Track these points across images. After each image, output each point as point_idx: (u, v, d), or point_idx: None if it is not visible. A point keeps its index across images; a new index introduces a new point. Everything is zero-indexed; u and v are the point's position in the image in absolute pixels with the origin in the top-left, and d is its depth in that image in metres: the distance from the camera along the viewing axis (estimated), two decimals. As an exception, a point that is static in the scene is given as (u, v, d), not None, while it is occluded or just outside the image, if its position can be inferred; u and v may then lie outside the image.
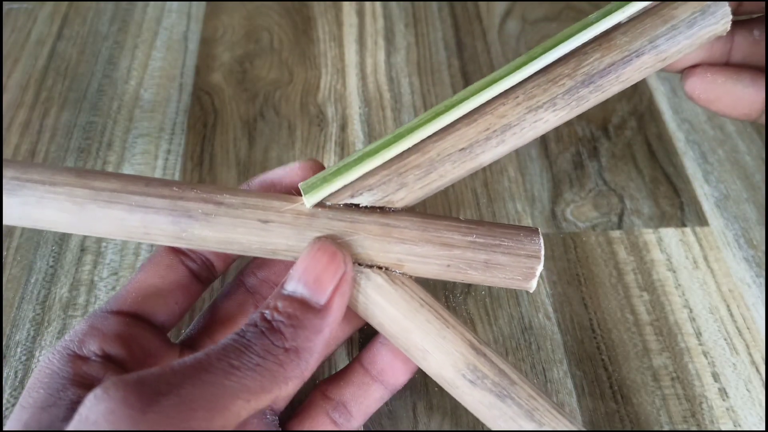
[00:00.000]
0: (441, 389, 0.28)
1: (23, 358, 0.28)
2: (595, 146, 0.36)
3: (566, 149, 0.36)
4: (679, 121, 0.38)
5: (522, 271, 0.21)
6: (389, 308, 0.21)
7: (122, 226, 0.21)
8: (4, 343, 0.29)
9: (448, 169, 0.22)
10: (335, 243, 0.21)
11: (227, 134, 0.37)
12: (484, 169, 0.35)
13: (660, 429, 0.27)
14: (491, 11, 0.44)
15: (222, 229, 0.21)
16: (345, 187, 0.22)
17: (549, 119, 0.22)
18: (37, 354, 0.28)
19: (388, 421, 0.27)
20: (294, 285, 0.20)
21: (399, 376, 0.24)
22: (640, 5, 0.22)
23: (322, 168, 0.24)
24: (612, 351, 0.29)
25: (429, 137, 0.22)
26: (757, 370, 0.28)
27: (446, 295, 0.31)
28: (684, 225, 0.33)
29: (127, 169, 0.35)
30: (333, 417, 0.24)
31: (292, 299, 0.20)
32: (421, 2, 0.44)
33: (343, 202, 0.22)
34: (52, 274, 0.31)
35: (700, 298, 0.31)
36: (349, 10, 0.44)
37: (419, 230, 0.22)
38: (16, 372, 0.28)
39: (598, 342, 0.29)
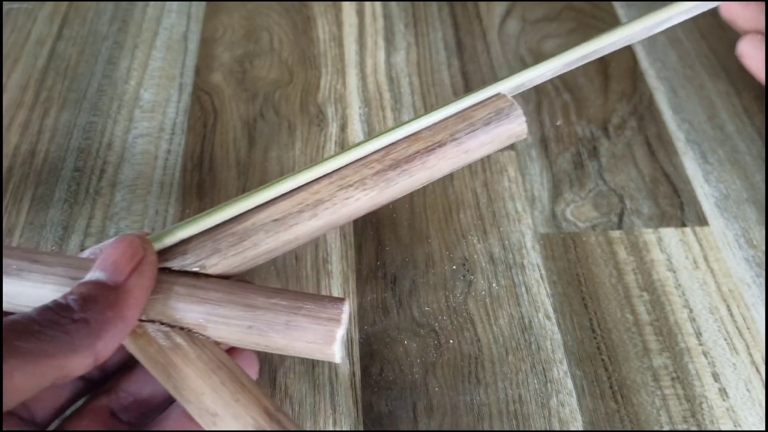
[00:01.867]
0: (441, 389, 0.28)
1: (23, 358, 0.28)
2: (595, 146, 0.36)
3: (566, 149, 0.36)
4: (679, 121, 0.38)
5: (322, 334, 0.22)
6: (185, 369, 0.21)
7: None
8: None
9: (262, 238, 0.23)
10: (138, 235, 0.22)
11: (227, 134, 0.37)
12: (483, 170, 0.35)
13: (660, 429, 0.27)
14: (491, 11, 0.44)
15: (33, 285, 0.21)
16: (160, 251, 0.23)
17: (360, 198, 0.23)
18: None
19: (388, 421, 0.27)
20: (92, 273, 0.20)
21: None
22: (445, 112, 0.25)
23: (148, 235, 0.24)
24: (612, 351, 0.29)
25: (249, 210, 0.23)
26: (757, 370, 0.28)
27: (446, 296, 0.31)
28: (684, 225, 0.33)
29: (127, 169, 0.35)
30: None
31: (88, 282, 0.20)
32: (421, 2, 0.44)
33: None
34: (52, 274, 0.31)
35: (700, 298, 0.31)
36: (349, 10, 0.44)
37: (224, 293, 0.22)
38: (16, 372, 0.28)
39: (598, 342, 0.29)
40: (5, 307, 0.22)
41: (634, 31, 0.26)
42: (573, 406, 0.27)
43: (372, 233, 0.33)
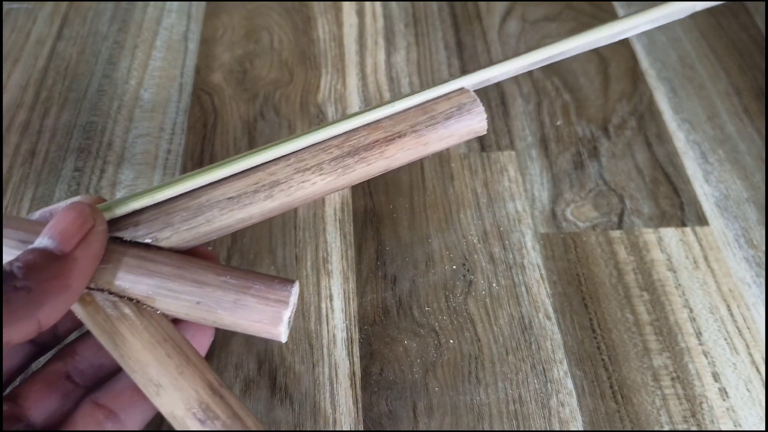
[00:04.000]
0: (441, 389, 0.28)
1: (23, 358, 0.28)
2: (595, 146, 0.36)
3: (566, 149, 0.36)
4: (679, 121, 0.38)
5: (269, 314, 0.22)
6: (131, 339, 0.21)
7: None
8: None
9: (215, 215, 0.23)
10: (88, 202, 0.22)
11: (227, 134, 0.37)
12: (484, 169, 0.35)
13: (660, 429, 0.27)
14: (491, 11, 0.44)
15: None
16: (112, 220, 0.23)
17: (316, 181, 0.24)
18: (37, 354, 0.28)
19: (388, 421, 0.27)
20: (39, 240, 0.20)
21: None
22: (407, 103, 0.25)
23: (103, 202, 0.24)
24: (612, 351, 0.29)
25: (204, 186, 0.23)
26: (757, 370, 0.28)
27: (446, 296, 0.31)
28: (684, 225, 0.33)
29: (127, 169, 0.35)
30: (105, 426, 0.23)
31: (34, 250, 0.20)
32: (421, 2, 0.44)
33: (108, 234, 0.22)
34: (52, 274, 0.31)
35: (700, 298, 0.31)
36: (349, 10, 0.44)
37: (174, 267, 0.22)
38: (16, 372, 0.28)
39: (598, 342, 0.29)
40: None
41: (596, 38, 0.26)
42: (573, 406, 0.27)
43: (372, 233, 0.33)
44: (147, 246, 0.23)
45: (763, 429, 0.27)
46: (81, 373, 0.23)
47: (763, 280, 0.31)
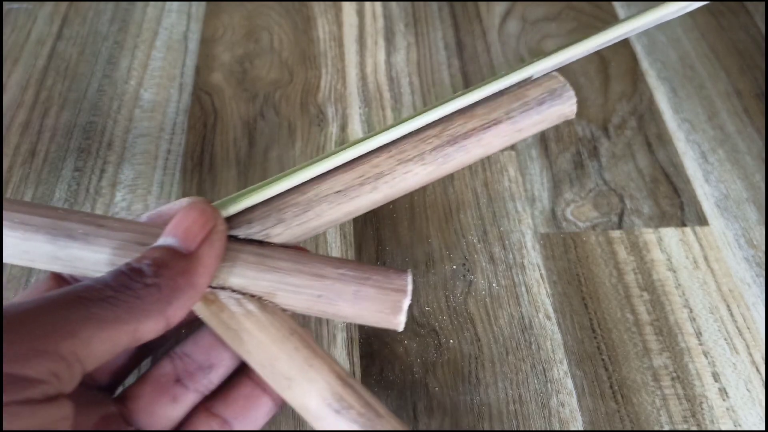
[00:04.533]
0: (441, 389, 0.28)
1: (23, 358, 0.28)
2: (595, 146, 0.36)
3: (566, 149, 0.36)
4: (679, 121, 0.38)
5: (390, 304, 0.22)
6: (258, 334, 0.22)
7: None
8: (4, 343, 0.28)
9: (325, 209, 0.23)
10: (206, 202, 0.22)
11: (227, 134, 0.37)
12: (484, 169, 0.35)
13: (660, 429, 0.27)
14: (491, 11, 0.44)
15: (99, 250, 0.21)
16: (226, 219, 0.23)
17: (418, 172, 0.24)
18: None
19: (388, 421, 0.27)
20: (164, 239, 0.21)
21: None
22: (495, 87, 0.25)
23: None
24: (612, 351, 0.29)
25: (309, 180, 0.24)
26: (757, 370, 0.28)
27: (446, 296, 0.31)
28: (684, 225, 0.33)
29: (127, 169, 0.35)
30: None
31: (160, 248, 0.20)
32: (421, 2, 0.44)
33: None
34: (52, 274, 0.31)
35: (700, 298, 0.31)
36: (349, 10, 0.44)
37: (292, 262, 0.23)
38: (16, 372, 0.28)
39: (598, 342, 0.29)
40: (73, 271, 0.22)
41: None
42: (573, 406, 0.27)
43: (372, 233, 0.33)
44: (261, 243, 0.23)
45: (763, 429, 0.27)
46: (191, 376, 0.23)
47: (763, 280, 0.31)
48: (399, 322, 0.22)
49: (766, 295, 0.31)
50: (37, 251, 0.21)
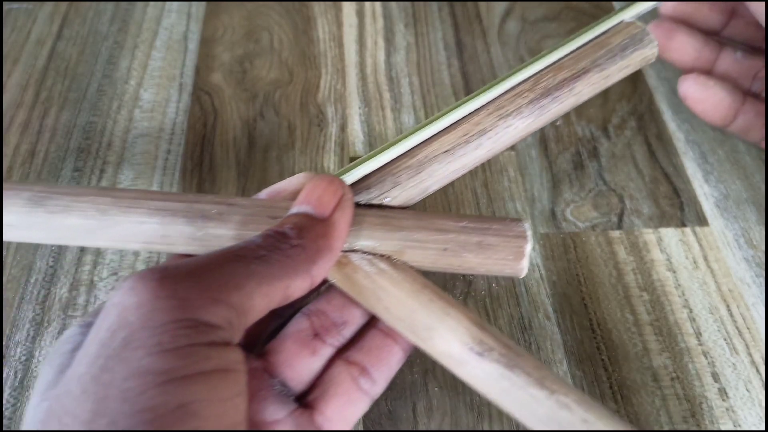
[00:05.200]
0: (441, 389, 0.28)
1: (23, 358, 0.28)
2: (595, 146, 0.36)
3: (566, 149, 0.36)
4: (679, 121, 0.38)
5: (513, 250, 0.23)
6: (394, 290, 0.23)
7: (142, 230, 0.22)
8: (4, 343, 0.29)
9: (436, 169, 0.25)
10: (325, 175, 0.24)
11: (227, 134, 0.37)
12: (483, 169, 0.35)
13: (660, 429, 0.27)
14: (491, 11, 0.44)
15: (234, 227, 0.23)
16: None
17: (518, 125, 0.26)
18: (36, 354, 0.28)
19: (388, 421, 0.27)
20: (298, 207, 0.22)
21: None
22: (576, 45, 0.27)
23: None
24: (612, 351, 0.29)
25: (417, 144, 0.25)
26: (757, 370, 0.28)
27: (446, 295, 0.31)
28: (684, 225, 0.33)
29: (127, 170, 0.35)
30: (359, 383, 0.24)
31: (298, 214, 0.22)
32: (421, 2, 0.44)
33: None
34: (52, 275, 0.31)
35: (700, 298, 0.31)
36: (349, 10, 0.44)
37: (415, 220, 0.24)
38: (16, 372, 0.28)
39: (598, 342, 0.29)
40: (208, 250, 0.22)
41: None
42: (573, 406, 0.27)
43: (372, 233, 0.33)
44: (382, 206, 0.25)
45: (763, 429, 0.27)
46: (327, 331, 0.24)
47: (762, 280, 0.31)
48: (522, 267, 0.24)
49: (766, 295, 0.31)
50: (176, 234, 0.23)
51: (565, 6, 0.44)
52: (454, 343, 0.22)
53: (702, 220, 0.33)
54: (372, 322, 0.25)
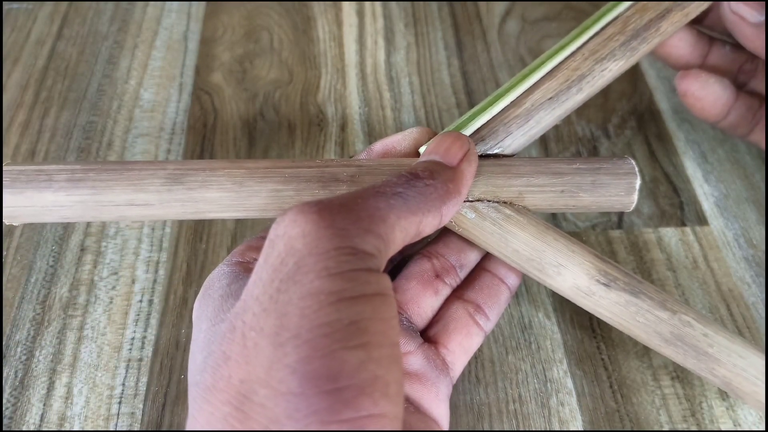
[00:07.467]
0: (441, 389, 0.28)
1: (23, 357, 0.28)
2: (595, 146, 0.36)
3: (566, 149, 0.36)
4: (679, 121, 0.38)
5: (624, 186, 0.25)
6: (521, 233, 0.24)
7: (278, 197, 0.24)
8: (4, 342, 0.29)
9: (542, 116, 0.26)
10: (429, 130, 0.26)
11: (227, 134, 0.37)
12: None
13: (660, 429, 0.27)
14: (491, 11, 0.44)
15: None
16: None
17: (612, 68, 0.27)
18: (37, 354, 0.28)
19: (388, 420, 0.27)
20: (427, 156, 0.24)
21: (516, 277, 0.28)
22: None
23: (434, 134, 0.27)
24: (612, 351, 0.29)
25: (521, 94, 0.26)
26: (757, 370, 0.28)
27: (446, 295, 0.31)
28: (684, 224, 0.33)
29: (127, 169, 0.35)
30: (476, 319, 0.26)
31: (428, 161, 0.23)
32: (421, 2, 0.44)
33: None
34: (52, 274, 0.31)
35: (700, 298, 0.31)
36: (349, 10, 0.44)
37: (532, 166, 0.25)
38: (16, 372, 0.28)
39: (598, 341, 0.29)
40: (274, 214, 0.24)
41: None
42: (573, 406, 0.27)
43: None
44: (497, 156, 0.26)
45: (763, 429, 0.27)
46: (446, 272, 0.27)
47: (762, 280, 0.31)
48: (632, 201, 0.25)
49: (766, 295, 0.31)
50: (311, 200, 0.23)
51: (565, 6, 0.44)
52: (581, 277, 0.24)
53: (702, 220, 0.33)
54: (481, 264, 0.28)
